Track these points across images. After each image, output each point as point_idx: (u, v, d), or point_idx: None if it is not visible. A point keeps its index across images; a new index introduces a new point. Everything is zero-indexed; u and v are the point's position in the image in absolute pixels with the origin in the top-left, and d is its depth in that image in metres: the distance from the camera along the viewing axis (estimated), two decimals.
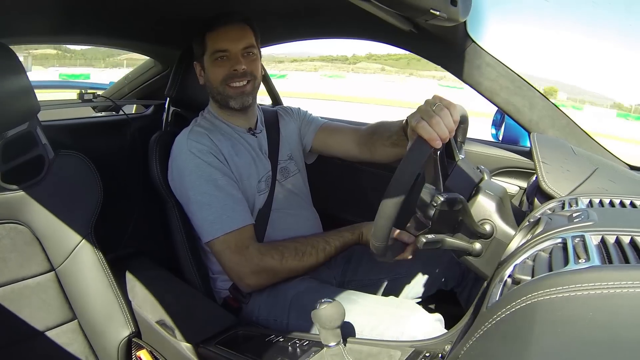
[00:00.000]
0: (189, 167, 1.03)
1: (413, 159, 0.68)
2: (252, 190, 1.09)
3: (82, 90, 1.52)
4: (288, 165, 1.20)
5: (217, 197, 1.00)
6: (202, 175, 1.01)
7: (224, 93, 1.08)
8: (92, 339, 0.93)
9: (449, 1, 0.66)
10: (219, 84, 1.07)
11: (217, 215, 0.99)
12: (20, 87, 0.82)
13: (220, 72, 1.06)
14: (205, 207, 1.00)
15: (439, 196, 0.72)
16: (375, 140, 1.11)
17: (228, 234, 0.99)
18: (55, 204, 0.93)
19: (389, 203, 0.65)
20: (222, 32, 1.06)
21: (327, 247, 1.04)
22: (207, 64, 1.09)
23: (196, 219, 1.03)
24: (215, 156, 1.04)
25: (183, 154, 1.04)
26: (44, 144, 0.91)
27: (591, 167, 0.82)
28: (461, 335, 0.56)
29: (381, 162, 1.15)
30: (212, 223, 1.00)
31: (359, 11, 0.78)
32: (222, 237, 0.99)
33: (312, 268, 1.03)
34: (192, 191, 1.02)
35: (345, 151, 1.22)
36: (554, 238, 0.49)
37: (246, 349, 0.84)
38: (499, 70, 1.05)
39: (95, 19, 1.13)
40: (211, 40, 1.06)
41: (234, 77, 1.06)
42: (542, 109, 1.04)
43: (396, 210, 0.65)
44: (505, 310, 0.38)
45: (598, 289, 0.35)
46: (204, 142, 1.04)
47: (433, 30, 1.00)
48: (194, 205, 1.02)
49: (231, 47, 1.06)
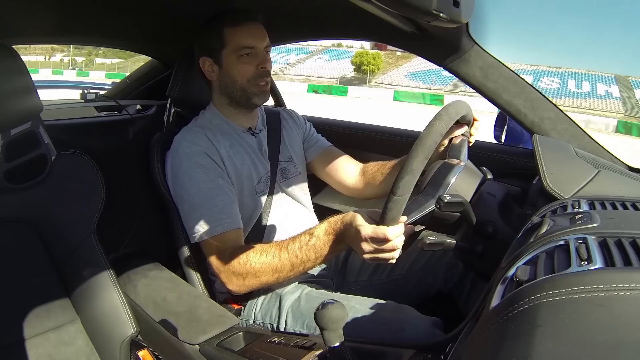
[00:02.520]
0: (182, 167, 1.02)
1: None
2: (250, 191, 1.09)
3: (84, 90, 1.52)
4: (288, 166, 1.20)
5: (205, 200, 0.99)
6: (193, 177, 1.01)
7: (249, 90, 1.06)
8: (94, 338, 0.93)
9: (451, 3, 0.66)
10: (245, 81, 1.05)
11: (205, 218, 0.98)
12: (22, 86, 0.82)
13: (247, 70, 1.04)
14: (194, 209, 1.00)
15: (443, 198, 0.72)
16: (368, 181, 1.18)
17: (214, 237, 0.97)
18: (58, 203, 0.93)
19: (417, 156, 0.68)
20: (246, 28, 1.04)
21: (291, 244, 0.89)
22: (229, 60, 1.05)
23: (185, 220, 1.03)
24: (211, 157, 1.03)
25: (177, 155, 1.04)
26: (47, 143, 0.92)
27: (594, 169, 0.82)
28: (463, 337, 0.56)
29: (367, 198, 1.23)
30: (199, 225, 0.99)
31: (360, 12, 0.78)
32: (207, 240, 0.98)
33: (281, 271, 0.90)
34: (183, 191, 1.02)
35: (337, 182, 1.25)
36: (557, 240, 0.49)
37: (247, 349, 0.85)
38: (501, 72, 1.05)
39: (97, 18, 1.13)
40: (234, 36, 1.03)
41: (262, 76, 1.06)
42: (544, 111, 1.04)
43: (422, 166, 0.69)
44: (508, 311, 0.38)
45: (600, 291, 0.35)
46: (200, 143, 1.04)
47: (435, 31, 1.00)
48: (184, 205, 1.02)
49: (257, 44, 1.05)
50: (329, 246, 0.84)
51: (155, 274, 1.07)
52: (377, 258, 0.77)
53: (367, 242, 0.75)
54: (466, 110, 0.86)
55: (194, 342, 0.86)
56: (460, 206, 0.74)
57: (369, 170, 1.19)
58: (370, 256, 0.77)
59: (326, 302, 0.67)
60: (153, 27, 1.28)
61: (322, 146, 1.29)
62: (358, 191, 1.22)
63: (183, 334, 0.88)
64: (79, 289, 0.93)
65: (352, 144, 1.57)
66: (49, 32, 1.17)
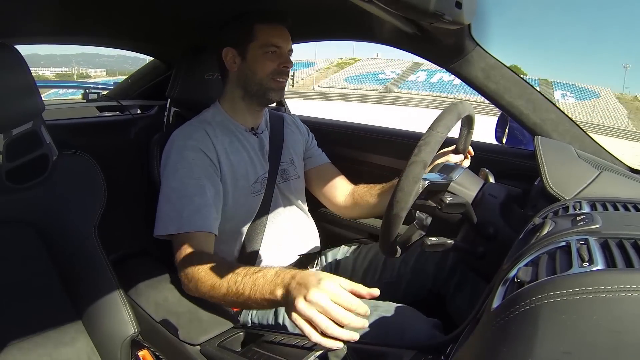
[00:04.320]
0: (171, 159, 1.03)
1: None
2: (245, 191, 1.09)
3: (86, 90, 1.53)
4: (289, 168, 1.20)
5: (183, 196, 0.98)
6: (178, 170, 1.01)
7: (267, 85, 1.09)
8: (94, 338, 0.93)
9: (454, 4, 0.66)
10: (265, 75, 1.08)
11: (178, 212, 0.97)
12: (24, 86, 0.82)
13: (270, 65, 1.08)
14: (171, 201, 0.99)
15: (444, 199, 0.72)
16: (356, 201, 1.22)
17: (184, 234, 0.95)
18: (59, 203, 0.93)
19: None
20: (275, 28, 1.08)
21: (243, 270, 0.83)
22: (254, 54, 1.08)
23: (159, 209, 1.01)
24: (204, 152, 1.03)
25: (169, 146, 1.05)
26: (49, 143, 0.92)
27: (595, 170, 0.82)
28: (464, 338, 0.56)
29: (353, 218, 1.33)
30: (171, 218, 0.97)
31: (362, 13, 0.78)
32: (177, 235, 0.96)
33: (218, 290, 0.84)
34: (166, 181, 1.02)
35: (327, 198, 1.28)
36: (558, 241, 0.49)
37: (248, 350, 0.85)
38: (503, 74, 1.05)
39: (99, 18, 1.13)
40: (263, 33, 1.07)
41: (281, 73, 1.09)
42: (546, 112, 1.04)
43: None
44: (509, 313, 0.38)
45: (602, 293, 0.35)
46: (196, 137, 1.04)
47: (437, 33, 1.00)
48: (161, 195, 1.01)
49: (283, 45, 1.09)
50: (268, 287, 0.76)
51: (156, 274, 1.08)
52: (312, 320, 0.65)
53: (309, 302, 0.66)
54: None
55: (194, 342, 0.86)
56: (461, 207, 0.74)
57: (358, 191, 1.23)
58: (304, 317, 0.66)
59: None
60: (155, 27, 1.28)
61: (321, 161, 1.31)
62: (346, 210, 1.25)
63: (184, 334, 0.88)
64: (80, 289, 0.93)
65: (352, 144, 1.57)
66: (51, 31, 1.18)
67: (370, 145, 1.54)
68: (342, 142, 1.57)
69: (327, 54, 64.44)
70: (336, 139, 1.50)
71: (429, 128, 0.72)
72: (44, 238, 0.91)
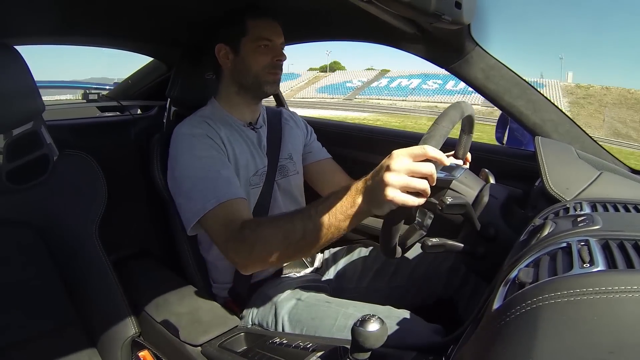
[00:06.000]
0: (183, 146, 1.01)
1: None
2: (244, 182, 1.08)
3: (86, 90, 1.53)
4: (288, 164, 1.20)
5: (209, 172, 0.96)
6: (195, 153, 0.99)
7: (262, 78, 1.09)
8: (95, 339, 0.93)
9: (454, 4, 0.66)
10: (260, 68, 1.08)
11: (210, 188, 0.94)
12: (24, 86, 0.82)
13: (264, 59, 1.08)
14: (197, 182, 0.95)
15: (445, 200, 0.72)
16: None
17: (222, 204, 0.91)
18: (60, 204, 0.93)
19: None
20: (267, 23, 1.09)
21: (307, 207, 0.81)
22: (247, 48, 1.08)
23: (186, 199, 0.97)
24: (212, 139, 1.03)
25: (177, 137, 1.04)
26: (49, 143, 0.92)
27: (595, 171, 0.82)
28: (465, 339, 0.55)
29: None
30: (203, 197, 0.93)
31: (362, 13, 0.78)
32: (213, 211, 0.91)
33: (292, 237, 0.80)
34: (185, 169, 0.98)
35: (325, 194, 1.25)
36: (559, 242, 0.49)
37: (249, 350, 0.85)
38: (503, 74, 1.05)
39: (99, 19, 1.13)
40: (256, 27, 1.07)
41: (275, 67, 1.10)
42: (546, 113, 1.04)
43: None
44: (510, 313, 0.38)
45: (603, 294, 0.35)
46: (201, 127, 1.04)
47: (437, 33, 1.00)
48: (185, 183, 0.97)
49: (275, 39, 1.09)
50: (347, 202, 0.73)
51: (156, 274, 1.08)
52: (407, 186, 0.66)
53: (396, 171, 0.66)
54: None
55: (195, 342, 0.86)
56: (462, 208, 0.74)
57: None
58: (398, 186, 0.66)
59: (367, 317, 0.61)
60: (155, 27, 1.28)
61: (321, 156, 1.31)
62: None
63: (184, 334, 0.88)
64: (80, 290, 0.93)
65: (352, 144, 1.57)
66: (51, 32, 1.18)
67: (370, 145, 1.53)
68: (342, 142, 1.57)
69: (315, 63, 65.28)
70: (336, 139, 1.50)
71: (434, 122, 0.72)
72: (45, 238, 0.91)
